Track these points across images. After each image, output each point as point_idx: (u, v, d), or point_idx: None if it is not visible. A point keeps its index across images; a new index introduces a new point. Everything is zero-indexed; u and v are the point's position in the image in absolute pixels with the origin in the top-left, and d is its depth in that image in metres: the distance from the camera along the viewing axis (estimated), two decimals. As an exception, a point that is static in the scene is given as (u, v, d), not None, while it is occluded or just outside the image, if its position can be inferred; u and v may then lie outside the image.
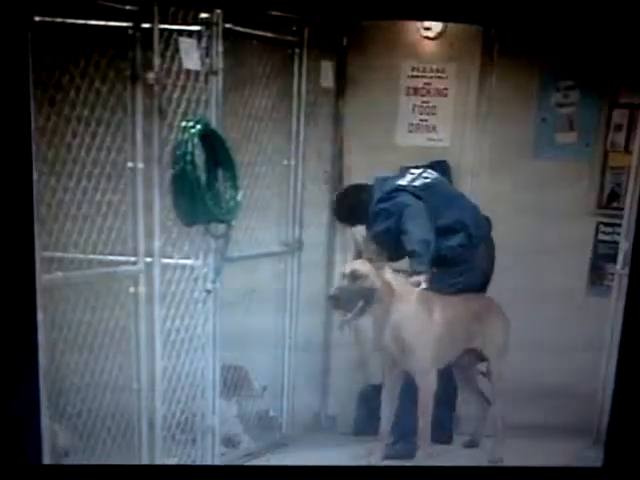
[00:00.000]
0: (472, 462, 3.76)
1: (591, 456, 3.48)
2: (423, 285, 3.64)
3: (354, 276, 3.54)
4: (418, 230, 3.71)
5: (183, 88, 3.35)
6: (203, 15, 3.30)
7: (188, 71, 3.32)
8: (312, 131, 3.97)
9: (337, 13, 3.18)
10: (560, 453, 3.66)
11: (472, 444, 3.97)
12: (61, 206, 3.20)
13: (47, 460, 2.93)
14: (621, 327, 3.13)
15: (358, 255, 3.62)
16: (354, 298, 3.54)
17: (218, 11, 3.29)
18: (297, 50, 3.78)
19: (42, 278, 3.07)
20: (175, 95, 3.33)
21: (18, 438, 2.76)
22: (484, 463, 3.73)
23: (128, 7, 3.13)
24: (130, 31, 3.16)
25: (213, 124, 3.38)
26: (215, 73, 3.36)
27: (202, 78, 3.36)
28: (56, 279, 3.14)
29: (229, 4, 3.31)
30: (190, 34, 3.30)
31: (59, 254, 3.22)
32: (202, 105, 3.38)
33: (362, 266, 3.57)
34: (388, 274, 3.63)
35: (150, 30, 3.17)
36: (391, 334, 3.61)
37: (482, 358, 3.86)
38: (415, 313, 3.63)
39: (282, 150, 3.86)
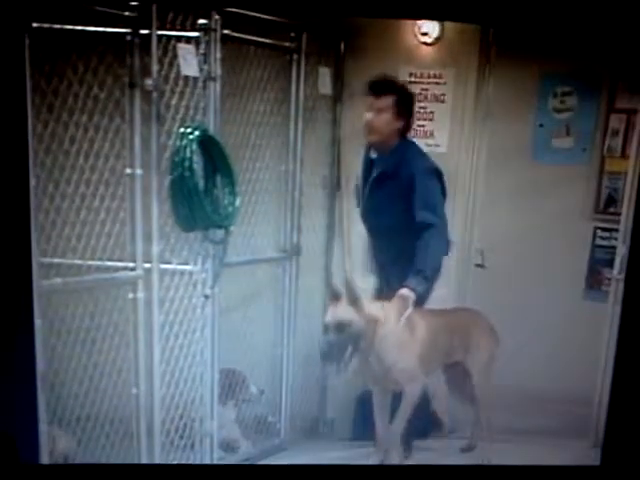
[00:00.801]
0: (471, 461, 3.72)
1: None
2: (410, 304, 3.48)
3: (340, 326, 3.38)
4: (437, 252, 3.59)
5: (181, 94, 3.30)
6: (201, 21, 3.24)
7: (186, 77, 3.27)
8: (310, 137, 3.92)
9: (332, 11, 3.13)
10: (558, 457, 3.61)
11: (469, 448, 3.91)
12: (59, 212, 3.16)
13: (43, 460, 2.93)
14: (618, 328, 3.12)
15: (336, 298, 3.42)
16: (344, 347, 3.40)
17: (216, 17, 3.24)
18: (295, 56, 3.72)
19: (41, 284, 3.06)
20: (173, 101, 3.28)
21: (14, 438, 2.73)
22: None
23: (126, 13, 3.09)
24: (128, 37, 3.11)
25: (211, 130, 3.33)
26: (213, 79, 3.31)
27: (200, 84, 3.30)
28: (55, 285, 3.10)
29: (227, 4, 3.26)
30: (188, 40, 3.25)
31: (58, 260, 3.18)
32: (200, 111, 3.33)
33: (345, 313, 3.39)
34: (371, 307, 3.47)
35: (148, 36, 3.13)
36: (376, 355, 3.49)
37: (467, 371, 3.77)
38: (397, 330, 3.49)
39: (280, 156, 3.81)
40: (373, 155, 3.68)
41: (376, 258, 3.84)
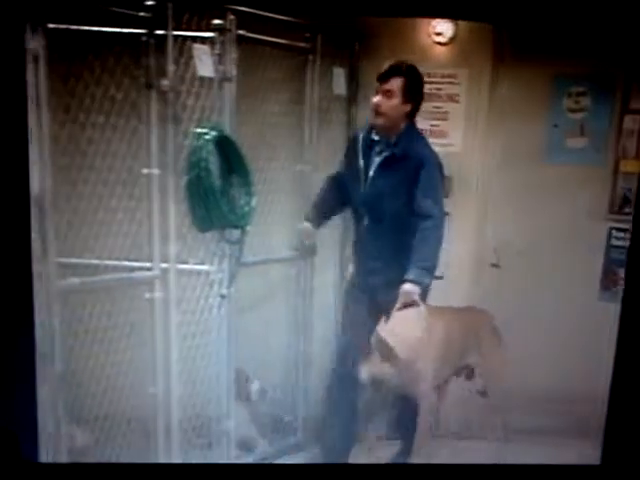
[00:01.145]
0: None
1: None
2: (415, 299, 3.40)
3: (376, 384, 3.38)
4: (438, 244, 3.51)
5: (197, 95, 3.27)
6: (216, 21, 3.22)
7: (202, 78, 3.26)
8: (324, 137, 3.90)
9: (346, 11, 3.10)
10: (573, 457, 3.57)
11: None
12: (77, 213, 3.15)
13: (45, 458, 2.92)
14: (618, 326, 3.05)
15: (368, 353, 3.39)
16: (384, 402, 3.50)
17: (232, 17, 3.23)
18: (310, 57, 3.71)
19: (58, 284, 3.05)
20: (189, 102, 3.26)
21: (15, 436, 2.73)
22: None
23: (142, 14, 3.07)
24: (144, 38, 3.10)
25: (227, 130, 3.31)
26: (229, 80, 3.29)
27: (216, 85, 3.29)
28: (72, 285, 3.09)
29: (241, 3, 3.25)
30: (204, 41, 3.23)
31: (76, 260, 3.17)
32: (216, 112, 3.31)
33: (379, 371, 3.36)
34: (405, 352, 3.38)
35: (164, 37, 3.12)
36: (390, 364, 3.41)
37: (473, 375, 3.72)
38: (415, 332, 3.41)
39: (295, 156, 3.79)
40: (375, 137, 3.57)
41: (365, 247, 3.69)
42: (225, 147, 3.30)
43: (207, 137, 3.24)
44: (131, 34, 3.08)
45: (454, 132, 4.02)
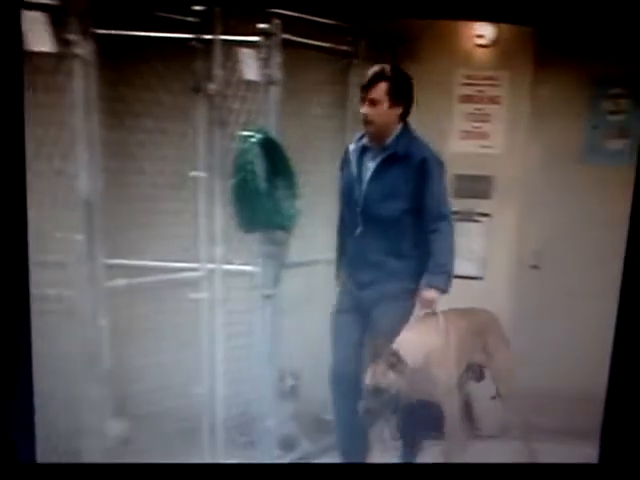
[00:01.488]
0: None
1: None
2: (435, 305, 3.27)
3: (377, 391, 3.13)
4: (453, 246, 3.33)
5: (243, 98, 3.29)
6: (262, 26, 3.23)
7: (248, 81, 3.27)
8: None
9: (389, 13, 3.10)
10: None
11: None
12: (125, 214, 3.18)
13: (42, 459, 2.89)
14: (615, 324, 2.97)
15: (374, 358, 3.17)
16: (385, 406, 3.18)
17: (277, 21, 3.22)
18: (353, 60, 3.70)
19: (106, 285, 3.09)
20: (235, 105, 3.28)
21: (12, 437, 2.66)
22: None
23: (190, 19, 3.09)
24: (192, 43, 3.12)
25: (272, 133, 3.31)
26: (274, 83, 3.28)
27: (261, 88, 3.29)
28: (120, 285, 3.12)
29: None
30: (250, 45, 3.24)
31: (124, 261, 3.20)
32: (262, 115, 3.31)
33: (383, 378, 3.13)
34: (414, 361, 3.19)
35: (211, 41, 3.13)
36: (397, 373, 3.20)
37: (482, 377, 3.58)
38: (436, 344, 3.26)
39: (337, 158, 3.78)
40: (368, 144, 3.37)
41: (359, 258, 3.42)
42: (270, 150, 3.30)
43: (253, 140, 3.24)
44: (179, 39, 3.11)
45: (495, 134, 3.98)
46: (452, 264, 3.30)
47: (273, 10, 3.20)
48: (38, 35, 2.79)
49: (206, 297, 3.34)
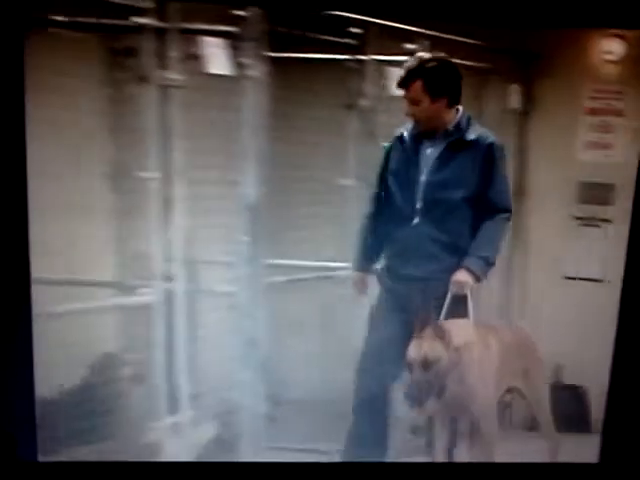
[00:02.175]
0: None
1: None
2: (467, 291, 3.02)
3: (426, 364, 2.90)
4: (502, 241, 3.18)
5: (389, 112, 3.47)
6: (409, 46, 3.41)
7: (394, 97, 3.44)
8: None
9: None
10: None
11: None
12: (284, 218, 3.41)
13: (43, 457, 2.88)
14: (617, 322, 3.00)
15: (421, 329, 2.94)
16: (430, 388, 2.91)
17: (425, 42, 3.41)
18: (490, 76, 3.85)
19: (265, 281, 3.34)
20: (382, 119, 3.47)
21: (13, 435, 2.71)
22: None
23: (347, 40, 3.30)
24: (348, 63, 3.33)
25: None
26: (419, 98, 3.47)
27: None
28: (279, 282, 3.39)
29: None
30: (398, 63, 3.42)
31: (282, 261, 3.44)
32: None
33: (433, 349, 2.90)
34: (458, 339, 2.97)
35: (364, 61, 3.34)
36: (452, 389, 2.98)
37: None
38: (476, 354, 3.03)
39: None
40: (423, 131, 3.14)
41: (413, 249, 3.14)
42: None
43: (396, 151, 3.44)
44: (337, 60, 3.32)
45: (618, 145, 4.06)
46: (493, 253, 3.08)
47: (420, 30, 3.39)
48: (218, 59, 3.05)
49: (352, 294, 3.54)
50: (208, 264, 3.36)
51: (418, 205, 3.10)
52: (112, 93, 3.00)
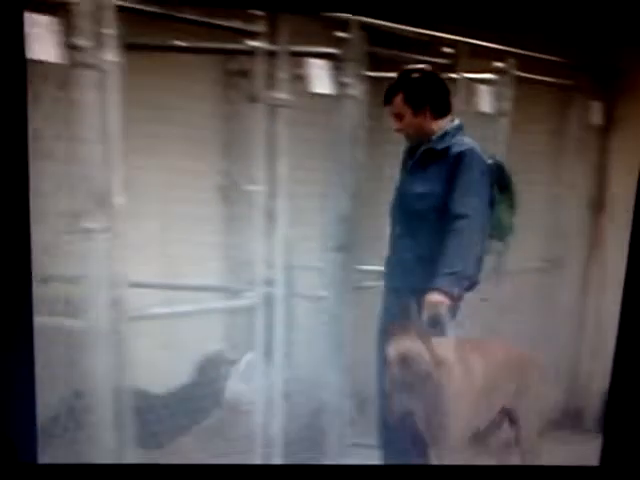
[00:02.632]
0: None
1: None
2: (442, 311, 2.93)
3: (404, 361, 2.79)
4: (473, 249, 3.05)
5: (476, 127, 3.58)
6: (498, 64, 3.54)
7: (482, 113, 3.57)
8: (580, 163, 4.10)
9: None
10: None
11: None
12: (374, 228, 3.55)
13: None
14: (617, 326, 2.98)
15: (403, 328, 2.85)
16: (404, 387, 2.80)
17: (512, 61, 3.52)
18: (574, 93, 3.95)
19: (355, 286, 3.51)
20: (471, 134, 3.57)
21: (12, 438, 2.69)
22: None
23: (440, 60, 3.44)
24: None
25: (500, 157, 3.60)
26: (505, 114, 3.60)
27: (493, 119, 3.62)
28: (365, 287, 3.58)
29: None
30: (486, 81, 3.54)
31: (369, 267, 3.58)
32: (491, 141, 3.63)
33: (412, 348, 2.78)
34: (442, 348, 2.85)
35: (455, 79, 3.47)
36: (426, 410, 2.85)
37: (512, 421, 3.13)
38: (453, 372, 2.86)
39: (550, 180, 4.02)
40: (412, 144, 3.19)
41: (396, 261, 3.23)
42: (497, 171, 3.59)
43: (484, 163, 3.56)
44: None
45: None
46: (464, 267, 2.98)
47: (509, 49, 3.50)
48: (322, 79, 3.19)
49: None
50: (304, 270, 3.53)
51: (397, 216, 3.19)
52: (225, 111, 3.15)
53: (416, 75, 3.07)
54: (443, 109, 3.09)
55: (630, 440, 2.94)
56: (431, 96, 3.07)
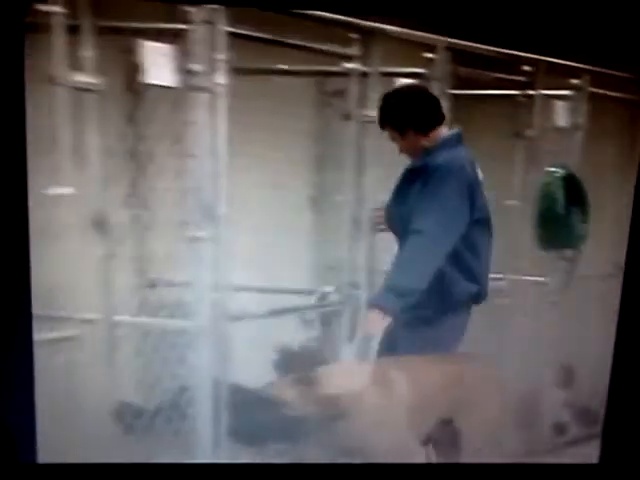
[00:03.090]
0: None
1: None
2: (379, 328, 2.81)
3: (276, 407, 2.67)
4: (421, 266, 2.87)
5: (552, 141, 3.73)
6: (573, 81, 3.66)
7: (558, 128, 3.71)
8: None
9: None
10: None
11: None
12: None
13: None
14: (616, 325, 2.96)
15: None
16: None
17: (587, 77, 3.64)
18: (640, 108, 4.03)
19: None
20: (546, 147, 3.72)
21: (12, 437, 2.61)
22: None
23: (519, 78, 3.57)
24: (519, 98, 3.61)
25: (573, 169, 3.76)
26: (579, 129, 3.73)
27: (568, 133, 3.75)
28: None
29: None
30: (563, 97, 3.67)
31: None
32: (565, 154, 3.77)
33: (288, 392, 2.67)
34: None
35: (532, 96, 3.60)
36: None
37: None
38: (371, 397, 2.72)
39: (619, 192, 4.10)
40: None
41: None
42: (571, 183, 3.72)
43: (557, 175, 3.71)
44: (510, 95, 3.59)
45: None
46: (410, 282, 2.84)
47: (583, 66, 3.62)
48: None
49: (508, 302, 3.83)
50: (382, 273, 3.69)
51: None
52: (319, 128, 3.33)
53: (392, 100, 2.99)
54: (428, 124, 2.97)
55: (629, 438, 2.92)
56: (410, 116, 2.97)
